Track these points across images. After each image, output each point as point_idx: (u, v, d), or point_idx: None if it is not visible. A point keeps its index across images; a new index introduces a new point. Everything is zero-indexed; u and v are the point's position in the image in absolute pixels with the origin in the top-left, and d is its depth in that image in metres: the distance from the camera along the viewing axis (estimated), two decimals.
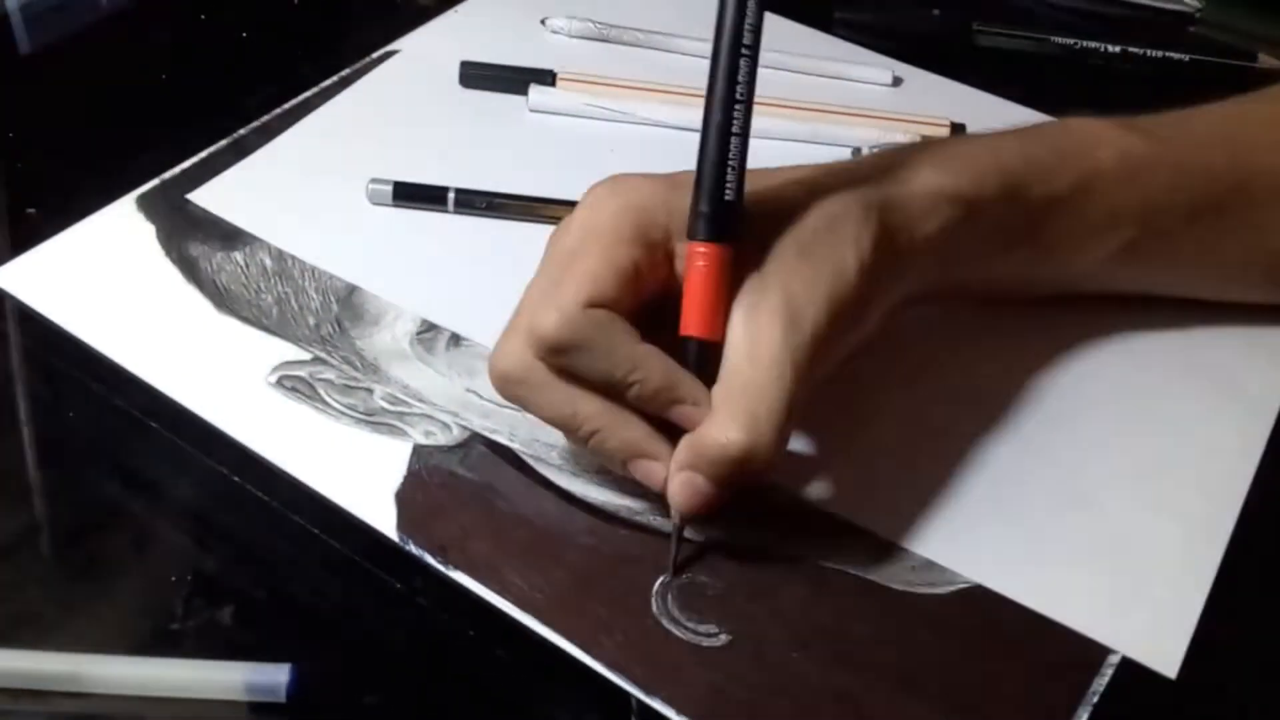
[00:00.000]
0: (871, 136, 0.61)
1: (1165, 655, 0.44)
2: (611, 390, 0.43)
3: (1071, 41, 0.70)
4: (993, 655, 0.44)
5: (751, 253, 0.43)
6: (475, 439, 0.49)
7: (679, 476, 0.43)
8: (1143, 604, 0.45)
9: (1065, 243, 0.50)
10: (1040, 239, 0.49)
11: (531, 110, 0.62)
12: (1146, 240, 0.50)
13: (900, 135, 0.62)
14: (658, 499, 0.46)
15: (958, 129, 0.62)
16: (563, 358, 0.42)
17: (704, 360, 0.43)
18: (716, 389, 0.43)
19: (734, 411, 0.42)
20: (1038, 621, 0.45)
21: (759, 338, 0.42)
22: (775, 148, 0.60)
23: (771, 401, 0.42)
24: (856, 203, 0.44)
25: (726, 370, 0.43)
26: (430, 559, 0.45)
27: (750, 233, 0.43)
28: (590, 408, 0.43)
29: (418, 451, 0.48)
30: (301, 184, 0.58)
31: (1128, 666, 0.43)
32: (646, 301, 0.43)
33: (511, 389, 0.44)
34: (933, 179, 0.46)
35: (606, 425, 0.43)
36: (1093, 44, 0.70)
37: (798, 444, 0.48)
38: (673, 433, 0.43)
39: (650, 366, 0.42)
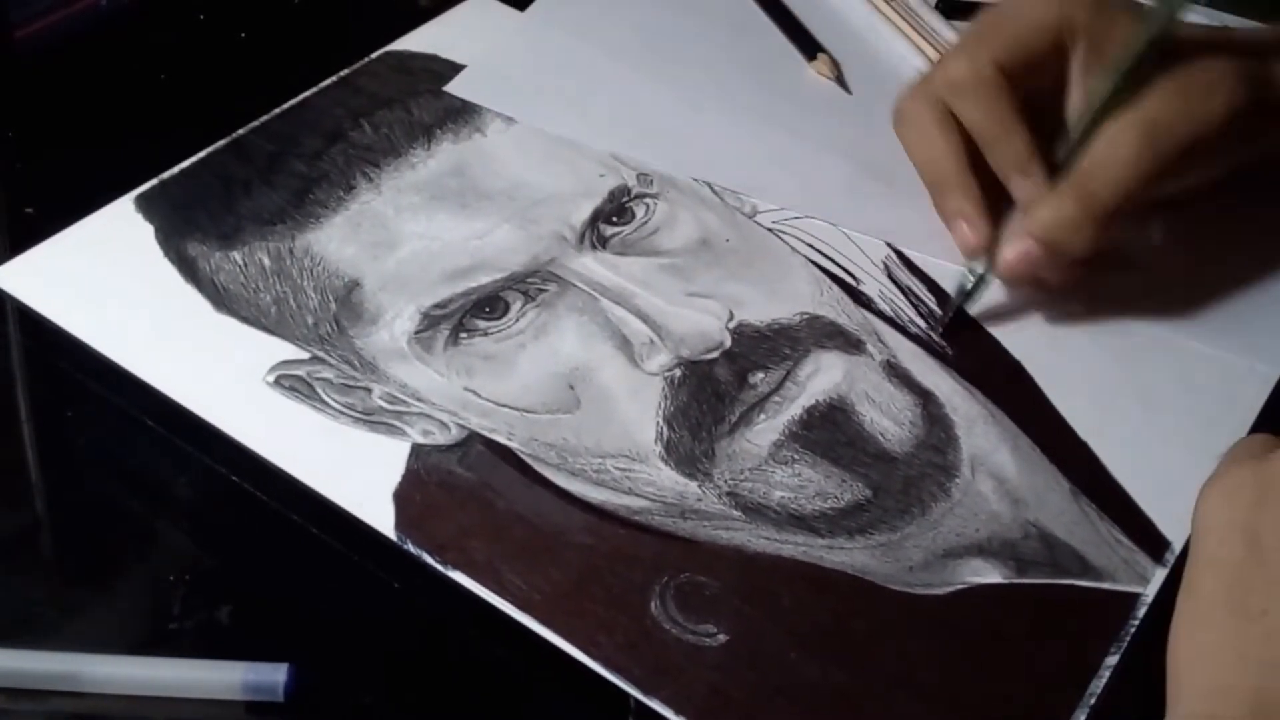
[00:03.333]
0: None
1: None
2: (980, 143, 0.53)
3: None
4: (992, 655, 0.44)
5: (1136, 83, 0.51)
6: (474, 438, 0.49)
7: (1016, 240, 0.52)
8: None
9: None
10: None
11: None
12: None
13: None
14: (657, 499, 0.46)
15: None
16: (955, 97, 0.53)
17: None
18: (1070, 176, 0.51)
19: (1078, 191, 0.50)
20: (1038, 621, 0.45)
21: (1119, 141, 0.50)
22: None
23: (1111, 192, 0.50)
24: (1237, 68, 0.51)
25: (1083, 161, 0.51)
26: (428, 558, 0.45)
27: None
28: (951, 156, 0.53)
29: (416, 451, 0.48)
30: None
31: (1125, 669, 0.43)
32: (1039, 85, 0.53)
33: (901, 124, 0.55)
34: None
35: (956, 179, 0.53)
36: None
37: None
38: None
39: (1020, 134, 0.52)
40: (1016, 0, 0.55)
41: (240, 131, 0.60)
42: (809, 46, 0.67)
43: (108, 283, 0.53)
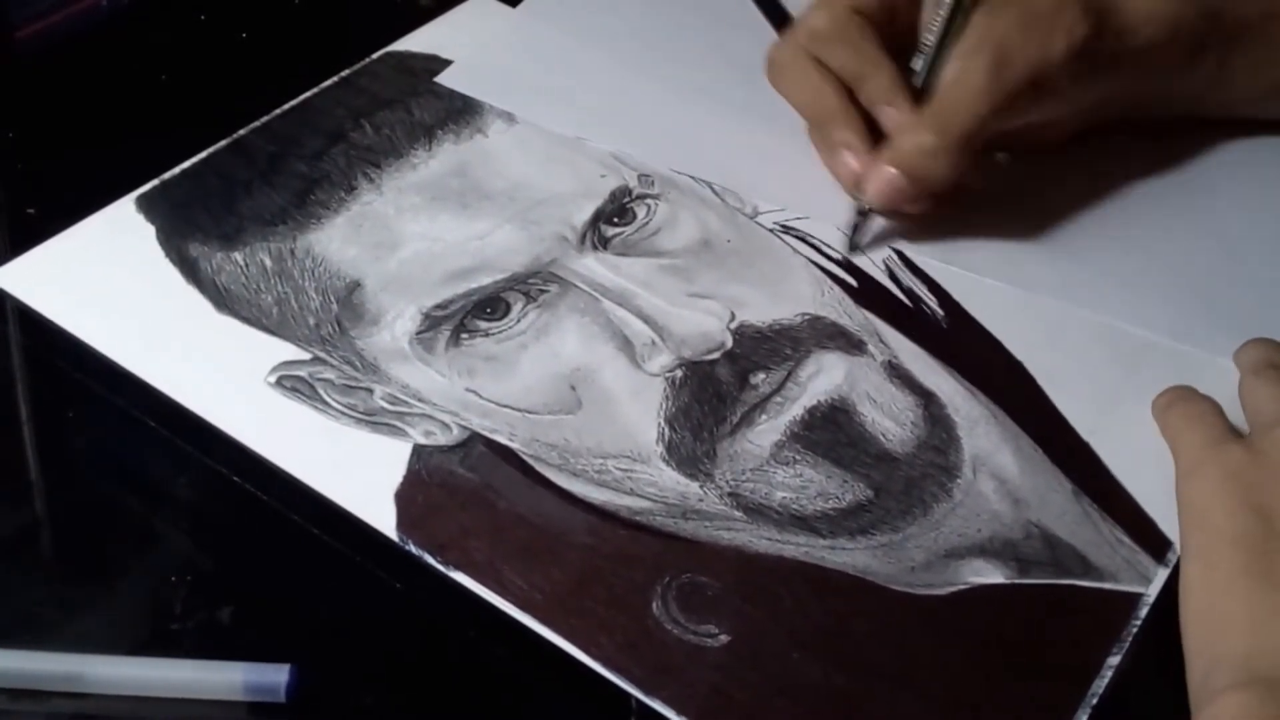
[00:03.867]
0: None
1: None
2: (849, 83, 0.56)
3: None
4: (994, 655, 0.44)
5: (984, 14, 0.54)
6: (475, 439, 0.49)
7: (878, 169, 0.54)
8: None
9: (1245, 67, 0.57)
10: (1225, 60, 0.57)
11: None
12: None
13: None
14: (659, 499, 0.46)
15: None
16: (820, 47, 0.56)
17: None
18: (925, 106, 0.54)
19: (933, 120, 0.54)
20: (1039, 622, 0.45)
21: (968, 70, 0.53)
22: None
23: (964, 118, 0.53)
24: (1081, 1, 0.54)
25: (936, 93, 0.54)
26: (430, 559, 0.45)
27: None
28: (828, 95, 0.56)
29: (417, 451, 0.48)
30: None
31: (1127, 669, 0.43)
32: (899, 23, 0.56)
33: (775, 74, 0.58)
34: (1145, 5, 0.55)
35: (835, 114, 0.56)
36: None
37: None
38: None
39: (884, 67, 0.55)
40: None
41: (241, 132, 0.60)
42: (782, 19, 0.67)
43: (108, 283, 0.53)
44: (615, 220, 0.57)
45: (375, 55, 0.65)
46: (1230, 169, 0.61)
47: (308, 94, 0.62)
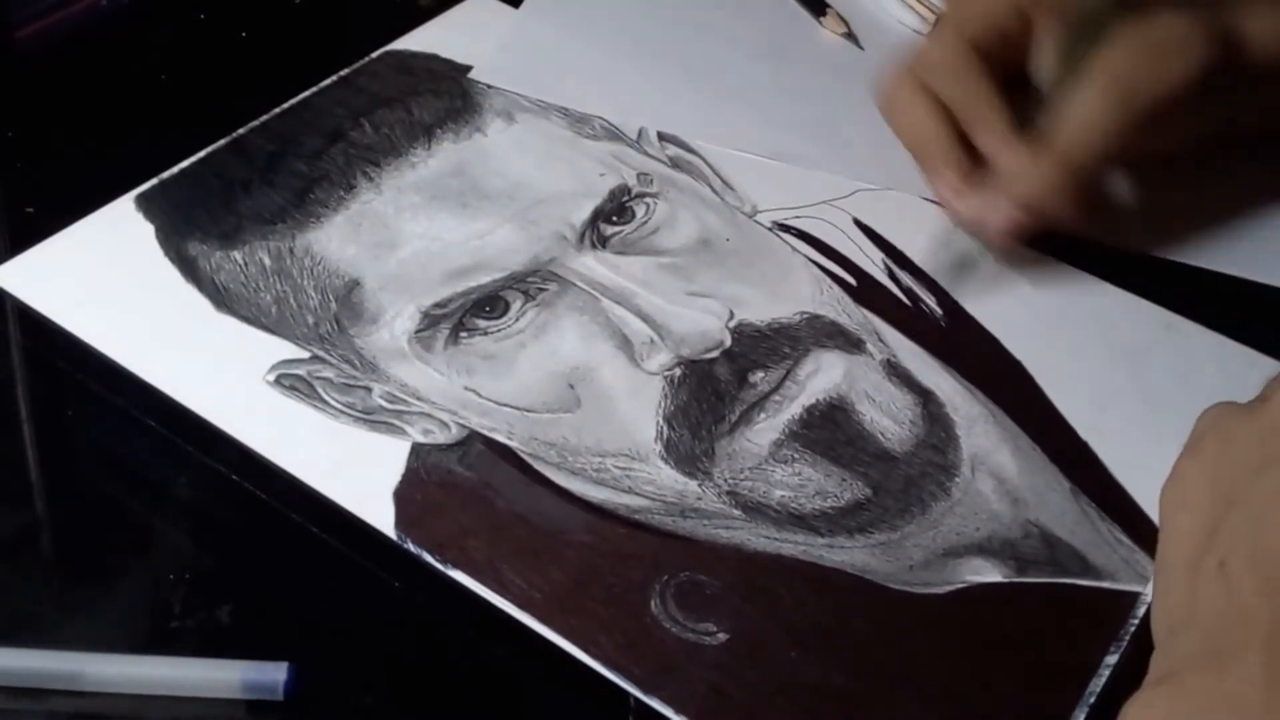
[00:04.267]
0: None
1: None
2: (960, 119, 0.55)
3: None
4: (992, 654, 0.44)
5: (1105, 45, 0.53)
6: (474, 437, 0.49)
7: (997, 205, 0.53)
8: None
9: None
10: None
11: None
12: None
13: None
14: (657, 498, 0.46)
15: None
16: (933, 80, 0.55)
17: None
18: (1045, 140, 0.53)
19: (1052, 153, 0.53)
20: (1038, 620, 0.45)
21: (1088, 101, 0.52)
22: None
23: (1083, 151, 0.53)
24: (1203, 25, 0.53)
25: (1059, 123, 0.53)
26: (428, 557, 0.45)
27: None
28: (935, 132, 0.55)
29: (416, 450, 0.48)
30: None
31: (1125, 668, 0.43)
32: (1014, 59, 0.55)
33: (887, 104, 0.57)
34: (1270, 22, 0.54)
35: (943, 153, 0.55)
36: None
37: None
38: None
39: (996, 105, 0.54)
40: None
41: (240, 131, 0.60)
42: (816, 4, 0.69)
43: (108, 282, 0.53)
44: (614, 219, 0.57)
45: (375, 54, 0.65)
46: None
47: (307, 93, 0.62)
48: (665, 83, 0.64)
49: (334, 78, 0.63)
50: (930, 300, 0.55)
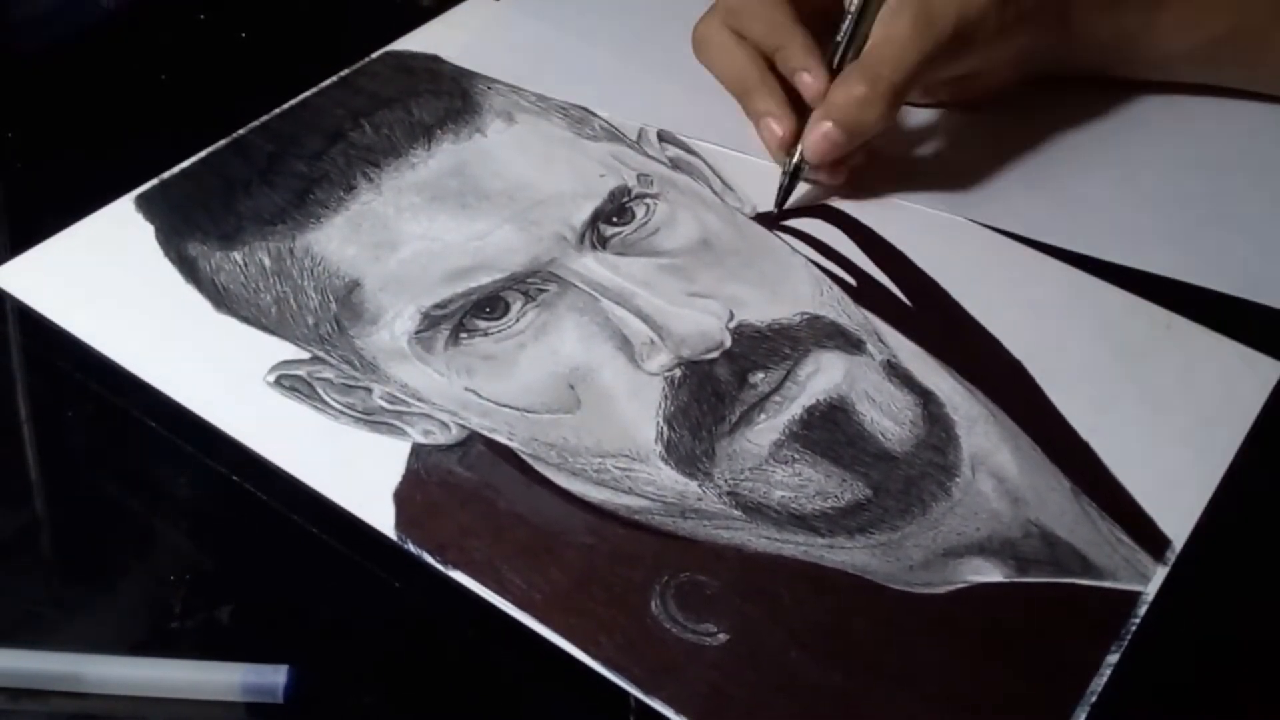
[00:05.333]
0: None
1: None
2: (767, 53, 0.58)
3: None
4: (993, 654, 0.44)
5: None
6: (474, 438, 0.49)
7: (814, 123, 0.56)
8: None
9: (1171, 24, 0.60)
10: (1152, 16, 0.60)
11: None
12: (1240, 34, 0.60)
13: None
14: (658, 498, 0.46)
15: None
16: (736, 20, 0.59)
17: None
18: (855, 61, 0.56)
19: (864, 73, 0.56)
20: (1038, 620, 0.45)
21: (894, 23, 0.56)
22: None
23: (894, 70, 0.55)
24: None
25: (865, 48, 0.56)
26: (429, 558, 0.45)
27: None
28: (749, 63, 0.59)
29: (416, 450, 0.48)
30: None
31: (1126, 667, 0.43)
32: None
33: (698, 48, 0.61)
34: None
35: (757, 85, 0.58)
36: None
37: None
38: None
39: (799, 35, 0.57)
40: None
41: (240, 131, 0.60)
42: None
43: (108, 283, 0.53)
44: (614, 220, 0.57)
45: (375, 55, 0.65)
46: (1148, 125, 0.63)
47: (307, 94, 0.62)
48: (652, 78, 0.65)
49: (334, 78, 0.63)
50: (931, 300, 0.55)
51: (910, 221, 0.58)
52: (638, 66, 0.65)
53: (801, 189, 0.58)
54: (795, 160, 0.57)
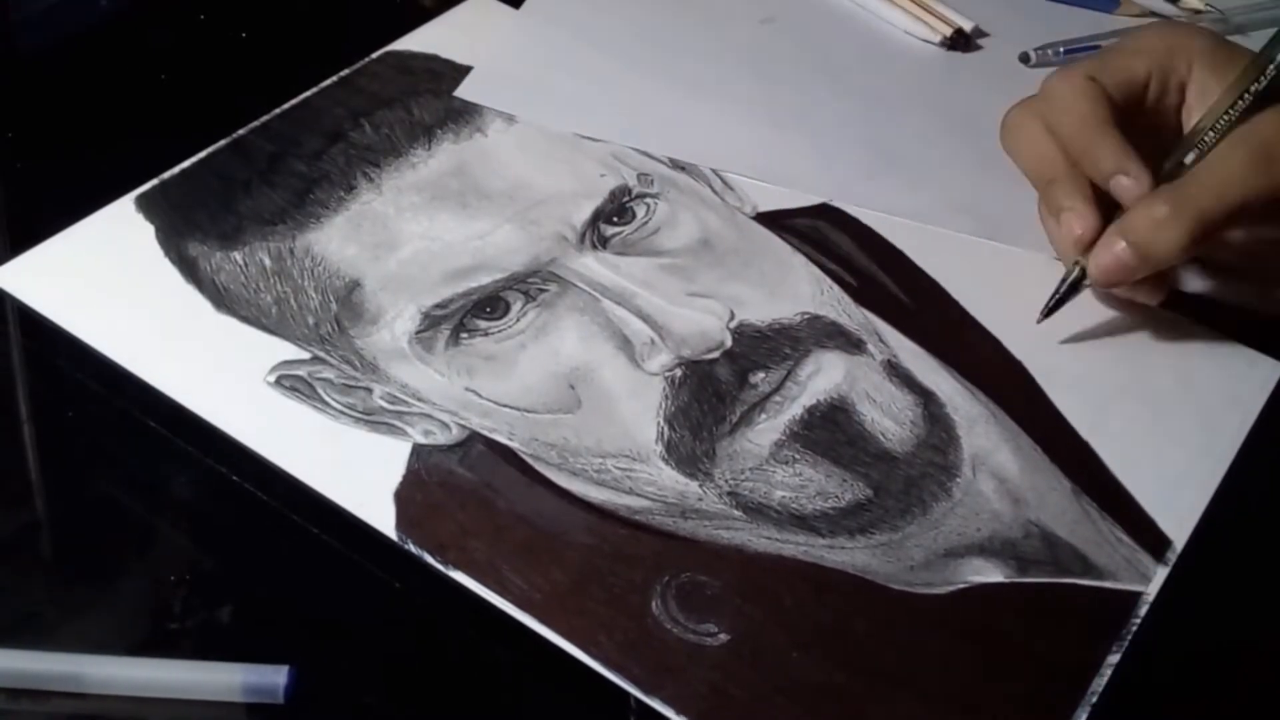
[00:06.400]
0: None
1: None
2: (1076, 152, 0.53)
3: None
4: (994, 654, 0.44)
5: (1258, 115, 0.51)
6: (474, 438, 0.49)
7: (1106, 241, 0.51)
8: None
9: None
10: None
11: None
12: None
13: None
14: (658, 499, 0.46)
15: None
16: (1051, 113, 0.54)
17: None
18: (1175, 183, 0.51)
19: (1174, 194, 0.50)
20: (1039, 620, 0.45)
21: (1228, 155, 0.51)
22: None
23: (1208, 197, 0.50)
24: None
25: (1190, 173, 0.51)
26: (429, 558, 0.45)
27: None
28: (1057, 154, 0.54)
29: (417, 451, 0.48)
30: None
31: (1127, 667, 0.43)
32: (1144, 111, 0.54)
33: (1006, 134, 0.56)
34: None
35: (1064, 174, 0.53)
36: None
37: None
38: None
39: (1114, 136, 0.52)
40: (1130, 34, 0.57)
41: (240, 131, 0.60)
42: None
43: (108, 283, 0.53)
44: (615, 220, 0.57)
45: (375, 55, 0.65)
46: None
47: (307, 94, 0.62)
48: (652, 102, 0.64)
49: (334, 78, 0.63)
50: (931, 300, 0.55)
51: (911, 223, 0.58)
52: (626, 94, 0.64)
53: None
54: (1076, 272, 0.53)
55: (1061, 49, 0.68)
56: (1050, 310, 0.53)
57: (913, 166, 0.61)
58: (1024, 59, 0.68)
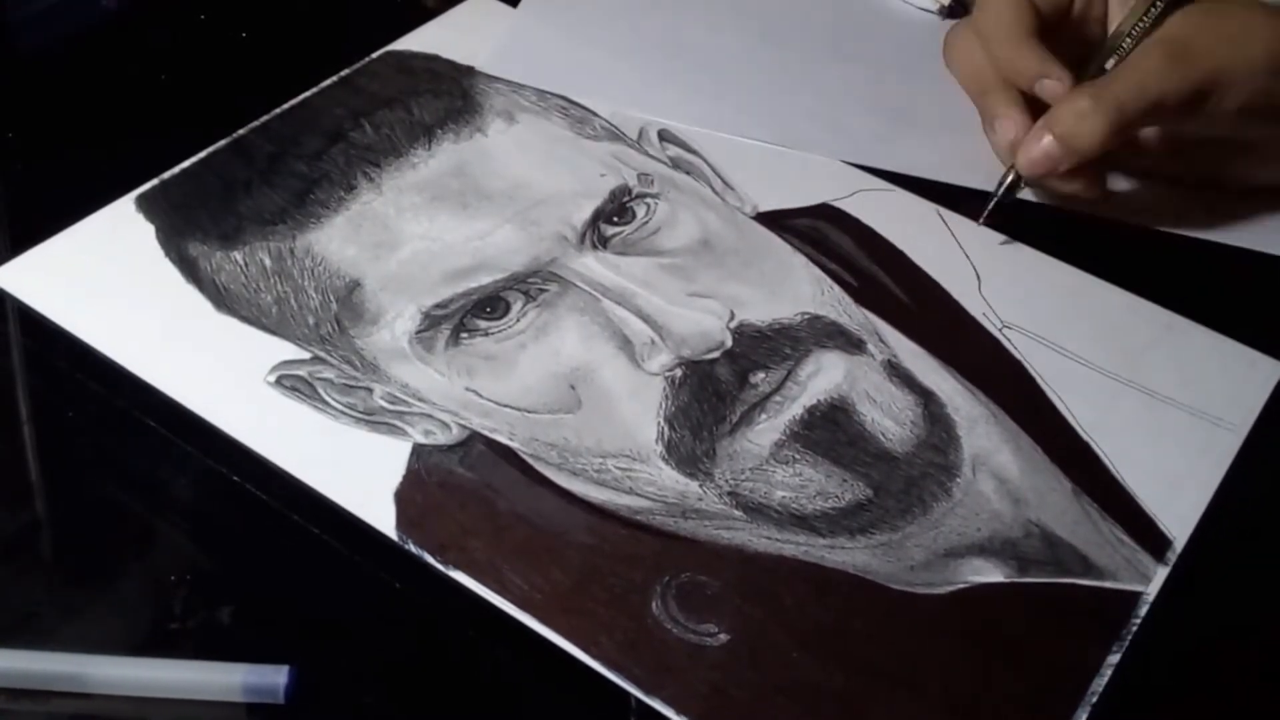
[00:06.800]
0: None
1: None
2: (1009, 74, 0.57)
3: None
4: (994, 654, 0.44)
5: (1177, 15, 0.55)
6: (475, 438, 0.49)
7: (1033, 135, 0.55)
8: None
9: None
10: None
11: None
12: None
13: None
14: (658, 499, 0.46)
15: None
16: (981, 23, 0.58)
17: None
18: (1096, 81, 0.55)
19: (1098, 91, 0.54)
20: (1039, 620, 0.45)
21: (1145, 54, 0.54)
22: None
23: (1125, 92, 0.53)
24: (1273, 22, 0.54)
25: (1111, 72, 0.55)
26: (429, 558, 0.45)
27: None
28: (988, 66, 0.57)
29: (417, 451, 0.48)
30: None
31: (1127, 668, 0.43)
32: (1070, 22, 0.59)
33: (945, 50, 0.60)
34: None
35: (995, 83, 0.57)
36: None
37: None
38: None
39: (1032, 50, 0.56)
40: None
41: (241, 131, 0.60)
42: None
43: (108, 283, 0.53)
44: (615, 219, 0.57)
45: (375, 55, 0.65)
46: None
47: (307, 93, 0.62)
48: (666, 73, 0.65)
49: (334, 78, 0.63)
50: (930, 300, 0.55)
51: (911, 218, 0.58)
52: (643, 67, 0.66)
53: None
54: (1012, 176, 0.57)
55: None
56: (990, 214, 0.57)
57: (924, 126, 0.63)
58: None
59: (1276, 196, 0.59)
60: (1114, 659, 0.43)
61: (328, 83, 0.63)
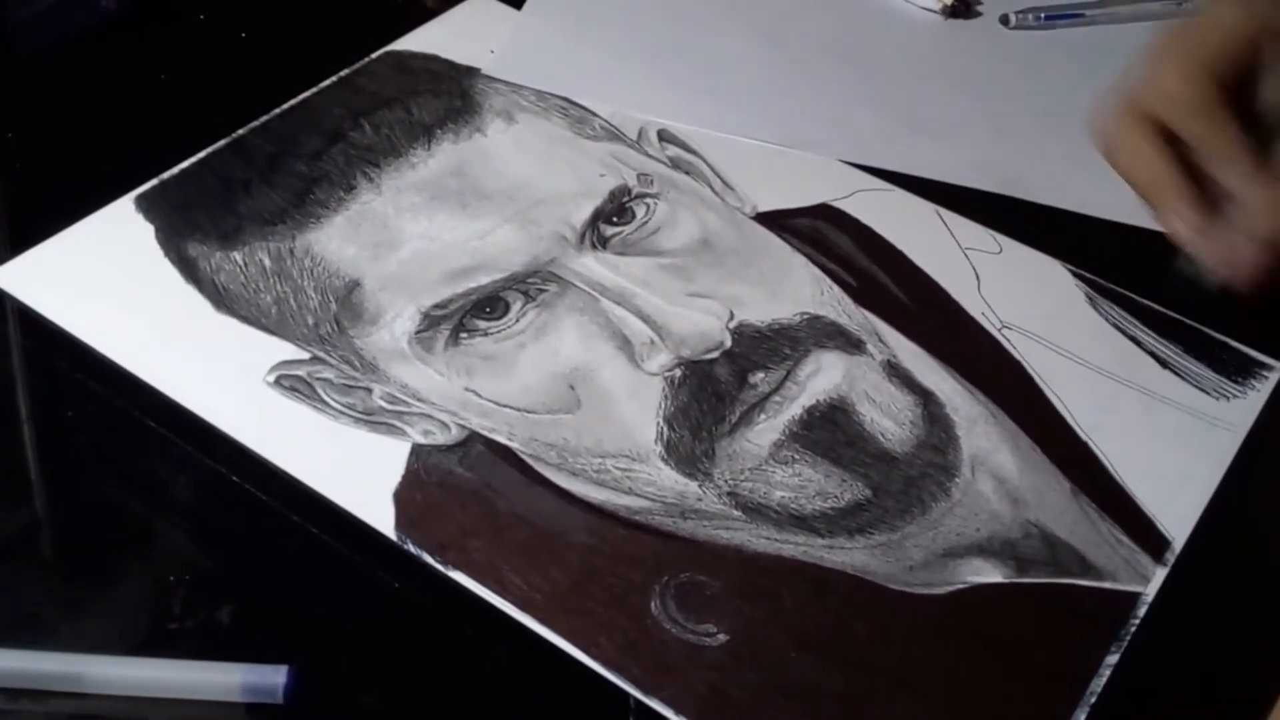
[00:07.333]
0: None
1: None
2: (1195, 150, 0.48)
3: None
4: (993, 654, 0.44)
5: None
6: (474, 438, 0.49)
7: (1232, 236, 0.47)
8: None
9: None
10: None
11: None
12: None
13: None
14: (658, 499, 0.46)
15: None
16: (1167, 110, 0.49)
17: None
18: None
19: None
20: (1038, 620, 0.45)
21: None
22: None
23: None
24: None
25: None
26: (429, 558, 0.45)
27: None
28: (1166, 162, 0.49)
29: (416, 451, 0.48)
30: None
31: (1126, 668, 0.43)
32: (1239, 90, 0.49)
33: (1110, 147, 0.50)
34: None
35: (1177, 184, 0.48)
36: None
37: None
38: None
39: (1238, 137, 0.48)
40: (1210, 9, 0.51)
41: (240, 131, 0.60)
42: None
43: (108, 283, 0.53)
44: (614, 220, 0.57)
45: (375, 55, 0.65)
46: None
47: (307, 93, 0.62)
48: (670, 74, 0.65)
49: (334, 78, 0.63)
50: (930, 300, 0.55)
51: (911, 218, 0.58)
52: (645, 67, 0.66)
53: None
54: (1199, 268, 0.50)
55: (1042, 14, 0.70)
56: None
57: (927, 127, 0.63)
58: (1004, 21, 0.70)
59: None
60: (1113, 659, 0.43)
61: (327, 83, 0.63)
